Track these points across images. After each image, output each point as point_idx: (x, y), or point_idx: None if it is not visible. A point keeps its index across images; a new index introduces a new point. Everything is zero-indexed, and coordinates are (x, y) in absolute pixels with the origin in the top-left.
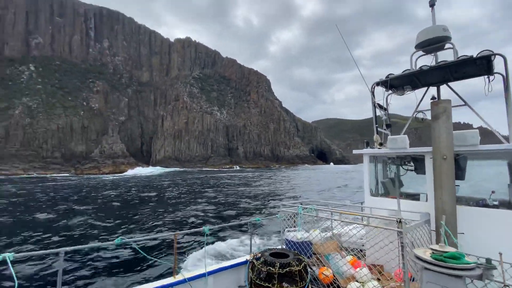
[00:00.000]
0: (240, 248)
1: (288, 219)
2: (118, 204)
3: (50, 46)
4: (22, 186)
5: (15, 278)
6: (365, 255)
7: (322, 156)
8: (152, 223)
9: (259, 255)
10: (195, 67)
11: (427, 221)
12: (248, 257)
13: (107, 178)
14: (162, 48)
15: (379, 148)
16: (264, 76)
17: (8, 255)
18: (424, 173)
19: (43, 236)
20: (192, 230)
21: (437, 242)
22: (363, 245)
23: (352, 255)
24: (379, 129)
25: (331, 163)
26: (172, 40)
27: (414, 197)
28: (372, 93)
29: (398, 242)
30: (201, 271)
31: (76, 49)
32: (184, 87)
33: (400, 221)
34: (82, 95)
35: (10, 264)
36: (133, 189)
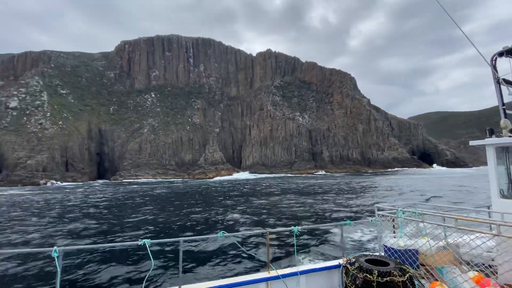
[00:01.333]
0: (330, 251)
1: (387, 224)
2: (231, 202)
3: (163, 76)
4: (168, 188)
5: (151, 258)
6: (496, 272)
7: (426, 158)
8: (252, 220)
9: (353, 260)
10: (276, 76)
11: None
12: (340, 261)
13: (214, 180)
14: (246, 63)
15: (510, 136)
16: (347, 75)
17: (147, 241)
18: None
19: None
20: (283, 229)
21: None
22: (492, 260)
23: (477, 270)
24: (507, 111)
25: (441, 166)
26: (254, 54)
27: None
28: (494, 66)
29: None
30: (294, 269)
31: (181, 76)
32: (267, 97)
33: None
34: (187, 112)
35: (148, 248)
36: (244, 189)
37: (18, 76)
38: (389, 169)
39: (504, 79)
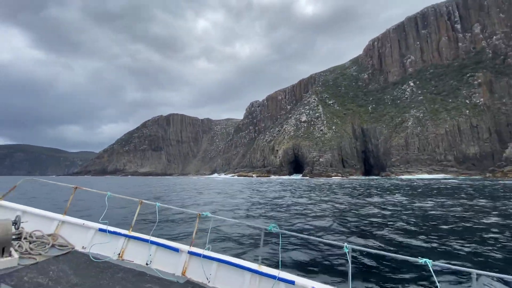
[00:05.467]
0: None
1: None
2: None
3: (421, 59)
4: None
5: (436, 282)
6: None
7: None
8: None
9: None
10: None
11: None
12: None
13: None
14: None
15: None
16: None
17: (428, 262)
18: None
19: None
20: None
21: None
22: None
23: None
24: None
25: None
26: None
27: None
28: None
29: None
30: None
31: (444, 51)
32: None
33: None
34: (462, 93)
35: (432, 270)
36: None
37: (298, 99)
38: None
39: None
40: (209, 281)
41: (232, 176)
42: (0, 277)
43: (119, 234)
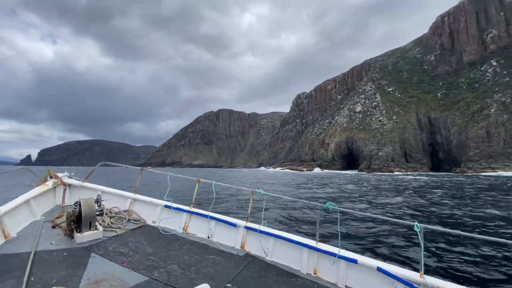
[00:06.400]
0: None
1: None
2: None
3: (506, 33)
4: None
5: None
6: None
7: None
8: None
9: None
10: None
11: None
12: None
13: None
14: None
15: None
16: None
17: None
18: None
19: None
20: None
21: None
22: None
23: None
24: None
25: None
26: None
27: None
28: None
29: None
30: None
31: None
32: None
33: None
34: None
35: None
36: None
37: (350, 89)
38: None
39: None
40: (267, 255)
41: (282, 169)
42: (90, 247)
43: (182, 210)
